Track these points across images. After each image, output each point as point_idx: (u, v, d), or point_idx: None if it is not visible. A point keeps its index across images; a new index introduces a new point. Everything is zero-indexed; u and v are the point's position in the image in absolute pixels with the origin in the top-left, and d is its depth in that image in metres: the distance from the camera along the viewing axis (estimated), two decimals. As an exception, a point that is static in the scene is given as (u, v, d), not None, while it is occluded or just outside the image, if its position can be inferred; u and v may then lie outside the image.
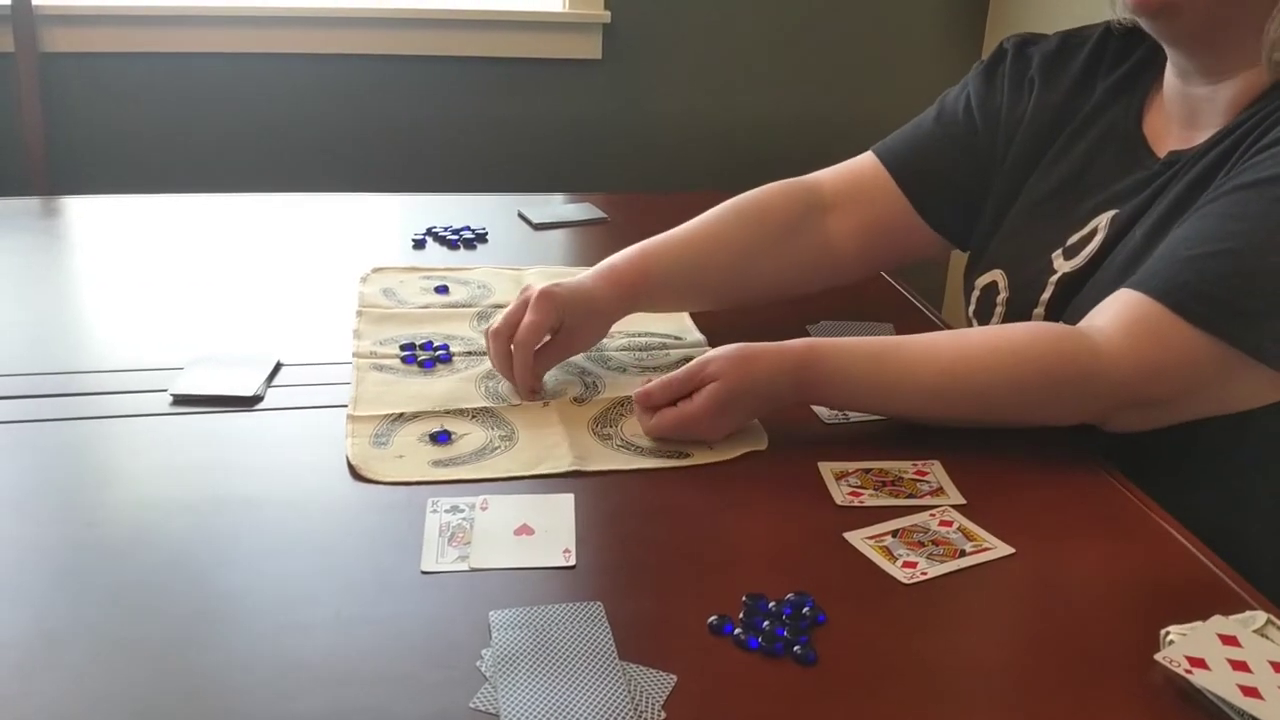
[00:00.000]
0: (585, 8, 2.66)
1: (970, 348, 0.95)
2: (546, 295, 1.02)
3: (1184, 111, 1.02)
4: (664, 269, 1.12)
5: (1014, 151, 1.15)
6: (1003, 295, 1.11)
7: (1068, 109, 1.12)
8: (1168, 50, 1.02)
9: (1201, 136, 0.99)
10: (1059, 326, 0.96)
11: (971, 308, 1.16)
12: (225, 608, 0.72)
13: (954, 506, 0.86)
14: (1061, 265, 1.05)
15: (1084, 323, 0.94)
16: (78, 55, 2.48)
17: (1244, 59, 0.95)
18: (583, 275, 1.09)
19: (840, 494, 0.87)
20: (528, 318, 1.01)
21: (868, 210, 1.20)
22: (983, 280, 1.14)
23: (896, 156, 1.20)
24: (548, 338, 1.03)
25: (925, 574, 0.77)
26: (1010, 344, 0.94)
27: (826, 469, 0.91)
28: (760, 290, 1.20)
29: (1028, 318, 1.07)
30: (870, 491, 0.88)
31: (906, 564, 0.78)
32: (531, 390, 1.02)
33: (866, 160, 1.22)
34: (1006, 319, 1.10)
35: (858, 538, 0.82)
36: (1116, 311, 0.91)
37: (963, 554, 0.80)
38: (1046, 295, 1.05)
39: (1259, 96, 0.96)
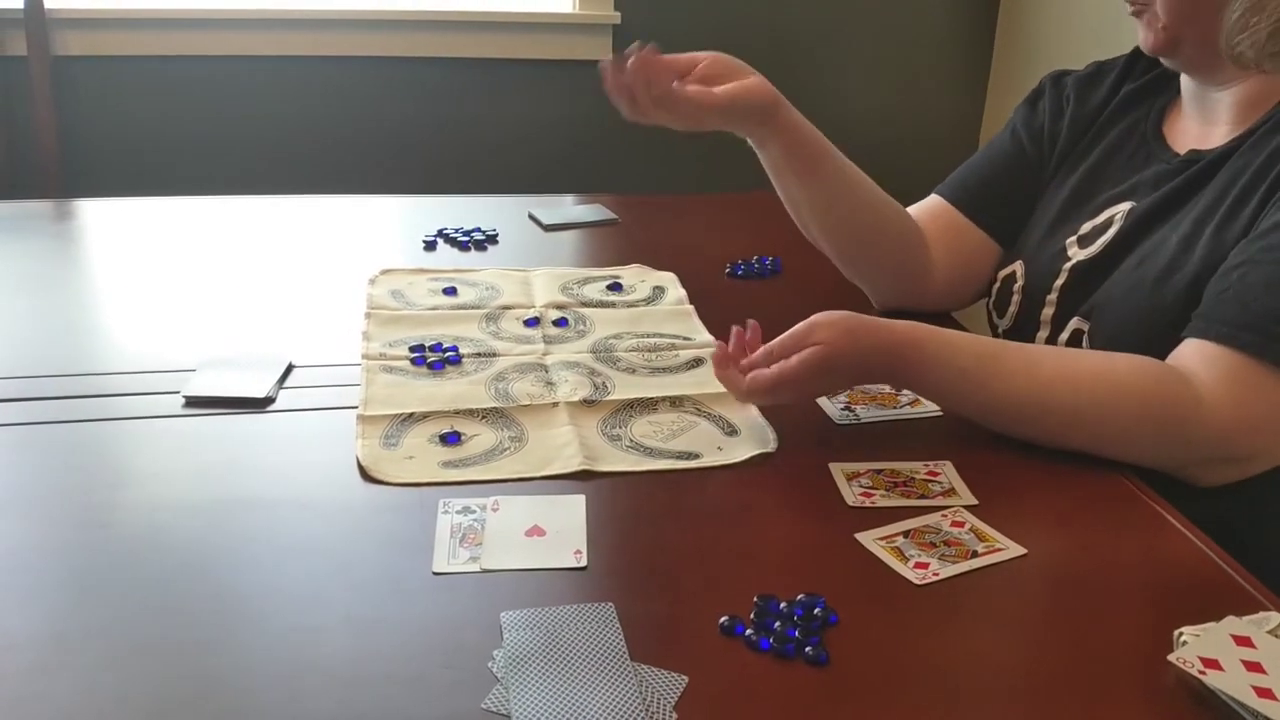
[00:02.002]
0: (595, 9, 2.66)
1: (1073, 368, 0.93)
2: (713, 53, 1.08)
3: (1201, 112, 1.06)
4: (810, 131, 1.15)
5: (1054, 160, 1.19)
6: (1019, 284, 1.14)
7: (1096, 115, 1.17)
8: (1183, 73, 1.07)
9: (1220, 136, 1.03)
10: (1164, 365, 0.93)
11: (991, 299, 1.19)
12: (237, 608, 0.72)
13: (966, 507, 0.86)
14: (1076, 253, 1.08)
15: (1174, 362, 0.93)
16: (90, 59, 2.49)
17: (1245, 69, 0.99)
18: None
19: (852, 495, 0.87)
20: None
21: (950, 245, 1.21)
22: (1004, 272, 1.18)
23: (963, 192, 1.23)
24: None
25: (937, 575, 0.77)
26: (1115, 372, 0.92)
27: (838, 470, 0.91)
28: (855, 254, 1.22)
29: (1041, 305, 1.10)
30: (882, 492, 0.87)
31: (918, 565, 0.78)
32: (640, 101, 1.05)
33: (934, 202, 1.25)
34: (1022, 307, 1.13)
35: (869, 538, 0.81)
36: (1210, 361, 0.90)
37: (974, 555, 0.80)
38: (1060, 282, 1.09)
39: (1278, 96, 1.00)
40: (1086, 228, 1.09)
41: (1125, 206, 1.06)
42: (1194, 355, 0.91)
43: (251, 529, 0.81)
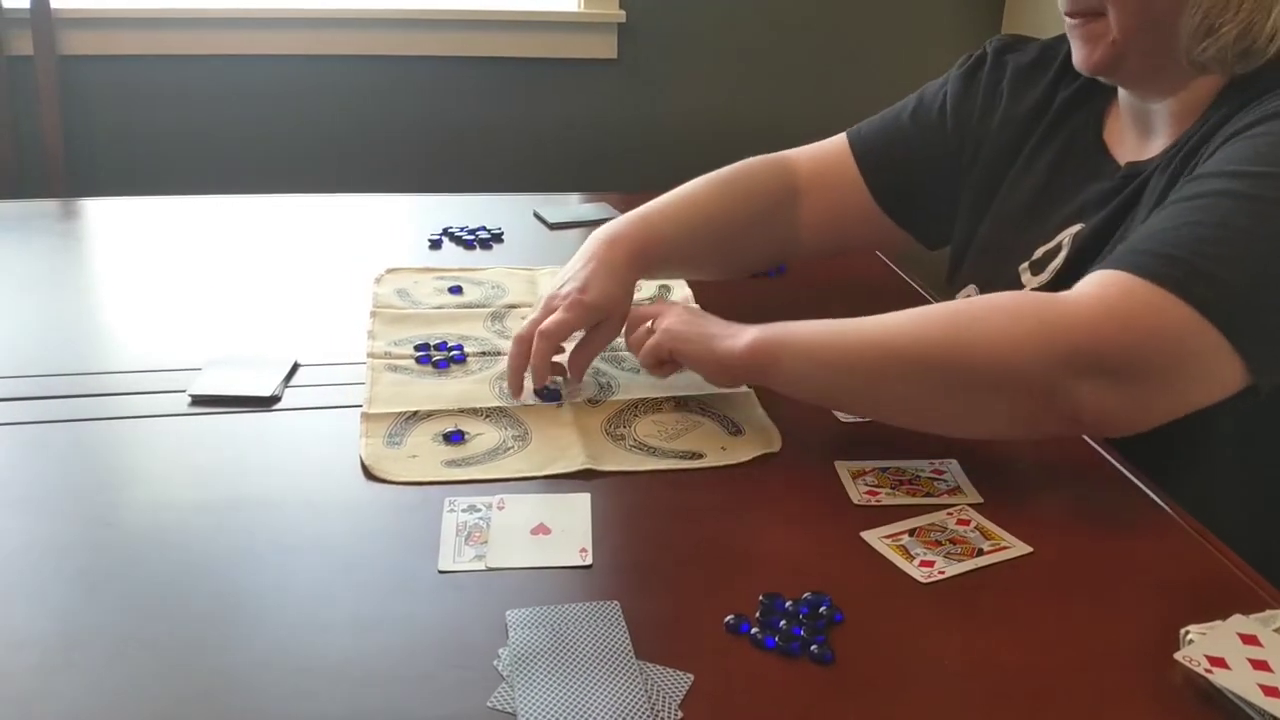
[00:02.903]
0: (600, 7, 2.66)
1: (917, 310, 0.91)
2: (577, 304, 1.01)
3: (1138, 123, 1.04)
4: (664, 244, 1.12)
5: (981, 164, 1.16)
6: None
7: (1032, 123, 1.13)
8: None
9: (1157, 146, 1.00)
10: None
11: None
12: (243, 607, 0.72)
13: (971, 505, 0.86)
14: (1029, 280, 1.05)
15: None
16: (96, 58, 2.49)
17: (1186, 74, 0.96)
18: (588, 262, 1.06)
19: (857, 493, 0.87)
20: (557, 316, 1.00)
21: (833, 196, 1.22)
22: (960, 295, 1.14)
23: (866, 145, 1.22)
24: (580, 334, 1.04)
25: (943, 573, 0.77)
26: (963, 302, 0.91)
27: (843, 468, 0.90)
28: (736, 266, 1.25)
29: None
30: (887, 490, 0.87)
31: (924, 563, 0.78)
32: (540, 380, 1.01)
33: (838, 144, 1.24)
34: None
35: (875, 537, 0.81)
36: (1082, 281, 0.86)
37: (980, 553, 0.79)
38: None
39: (1208, 104, 0.96)
40: (1039, 253, 1.06)
41: (1074, 230, 1.03)
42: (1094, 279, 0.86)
43: (257, 528, 0.81)
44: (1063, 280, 1.01)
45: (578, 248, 1.10)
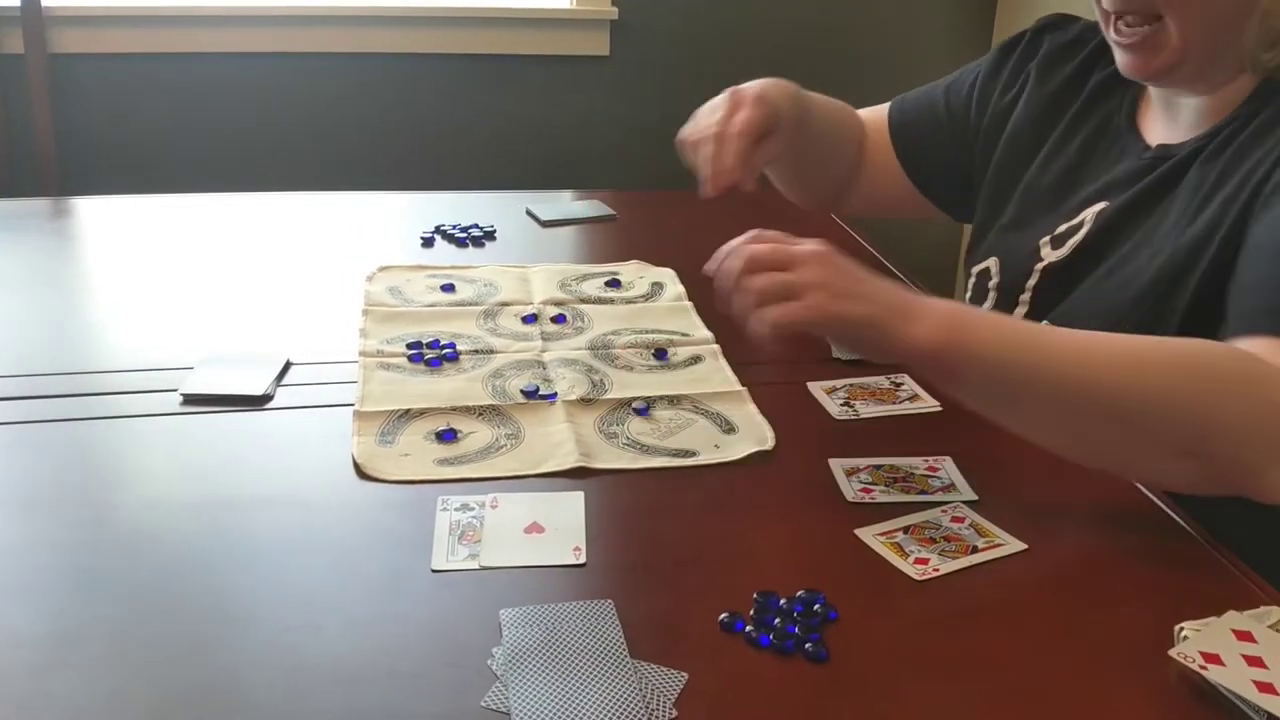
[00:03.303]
0: (593, 4, 2.66)
1: (1125, 336, 0.82)
2: (760, 100, 1.05)
3: (1170, 114, 1.04)
4: (808, 103, 1.20)
5: (1005, 143, 1.18)
6: (994, 281, 1.13)
7: (1063, 104, 1.15)
8: None
9: (1188, 132, 1.01)
10: (1224, 345, 0.83)
11: (968, 294, 1.18)
12: (236, 606, 0.72)
13: (966, 503, 0.86)
14: (1048, 254, 1.07)
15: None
16: (87, 56, 2.49)
17: (1230, 75, 0.97)
18: (745, 86, 1.10)
19: (851, 490, 0.87)
20: (745, 113, 1.03)
21: (877, 159, 1.29)
22: (978, 267, 1.16)
23: (902, 115, 1.29)
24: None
25: (937, 570, 0.77)
26: (1173, 340, 0.83)
27: (837, 465, 0.90)
28: (813, 178, 1.32)
29: (1015, 304, 1.09)
30: (881, 488, 0.87)
31: (918, 560, 0.78)
32: (743, 179, 1.02)
33: (883, 111, 1.31)
34: (998, 304, 1.12)
35: (869, 534, 0.81)
36: (1272, 349, 0.81)
37: (975, 550, 0.79)
38: (1032, 282, 1.08)
39: (1240, 99, 0.97)
40: (1062, 228, 1.07)
41: (1098, 207, 1.04)
42: (1253, 346, 0.82)
43: (250, 527, 0.81)
44: (1081, 256, 1.03)
45: (570, 245, 1.10)
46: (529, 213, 1.54)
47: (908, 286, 0.87)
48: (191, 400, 0.99)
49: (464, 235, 1.43)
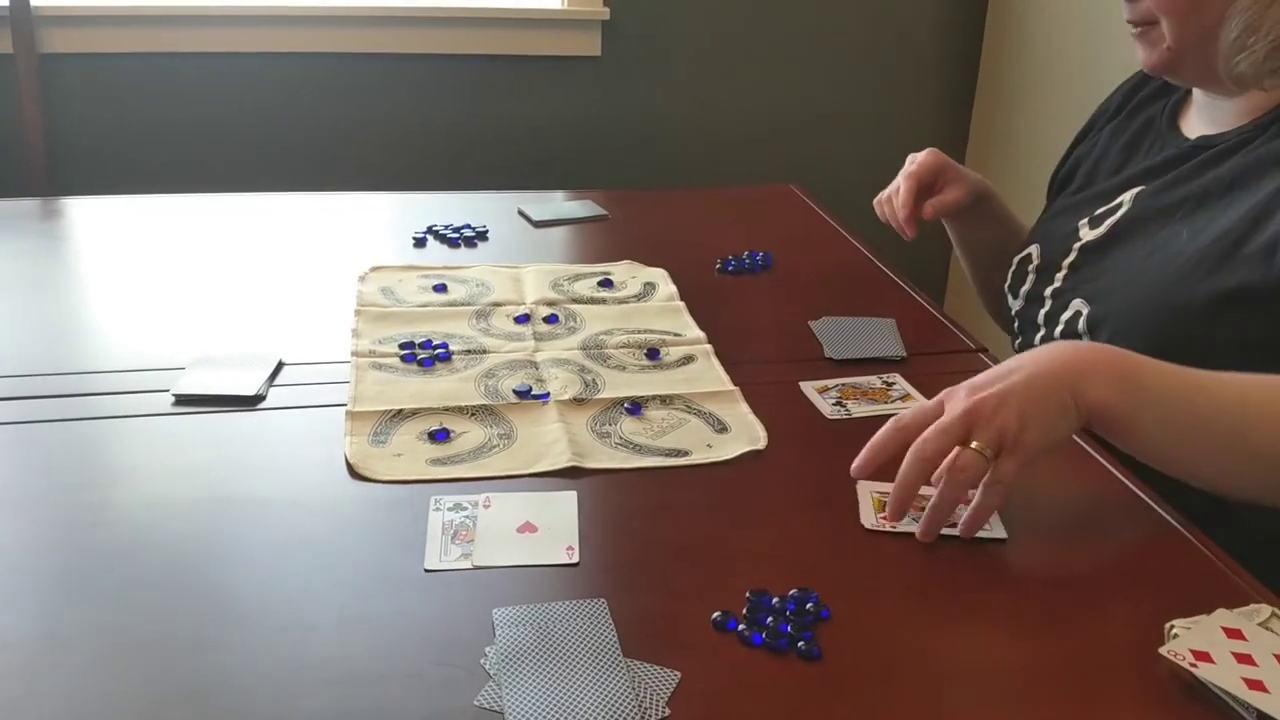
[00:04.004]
0: (585, 5, 2.66)
1: (1254, 376, 0.83)
2: (933, 150, 1.27)
3: (1210, 112, 1.08)
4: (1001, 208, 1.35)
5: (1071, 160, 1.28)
6: (1034, 264, 1.18)
7: (1112, 115, 1.23)
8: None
9: (1228, 125, 1.05)
10: None
11: (1007, 281, 1.22)
12: (229, 607, 0.72)
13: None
14: (1086, 234, 1.11)
15: None
16: (76, 56, 2.48)
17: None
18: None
19: (873, 516, 0.84)
20: (918, 159, 1.26)
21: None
22: (1020, 255, 1.21)
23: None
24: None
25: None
26: None
27: (866, 490, 0.87)
28: (984, 282, 1.41)
29: (1051, 281, 1.13)
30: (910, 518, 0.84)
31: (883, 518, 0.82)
32: (911, 221, 1.25)
33: None
34: (1036, 285, 1.16)
35: (867, 489, 0.84)
36: None
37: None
38: (1069, 259, 1.12)
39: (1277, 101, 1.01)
40: (1100, 209, 1.12)
41: (1136, 190, 1.09)
42: None
43: (242, 527, 0.81)
44: (1119, 235, 1.07)
45: (563, 245, 1.10)
46: (521, 213, 1.54)
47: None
48: (184, 400, 0.99)
49: (456, 235, 1.43)
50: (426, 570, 0.76)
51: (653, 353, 1.11)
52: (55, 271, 1.32)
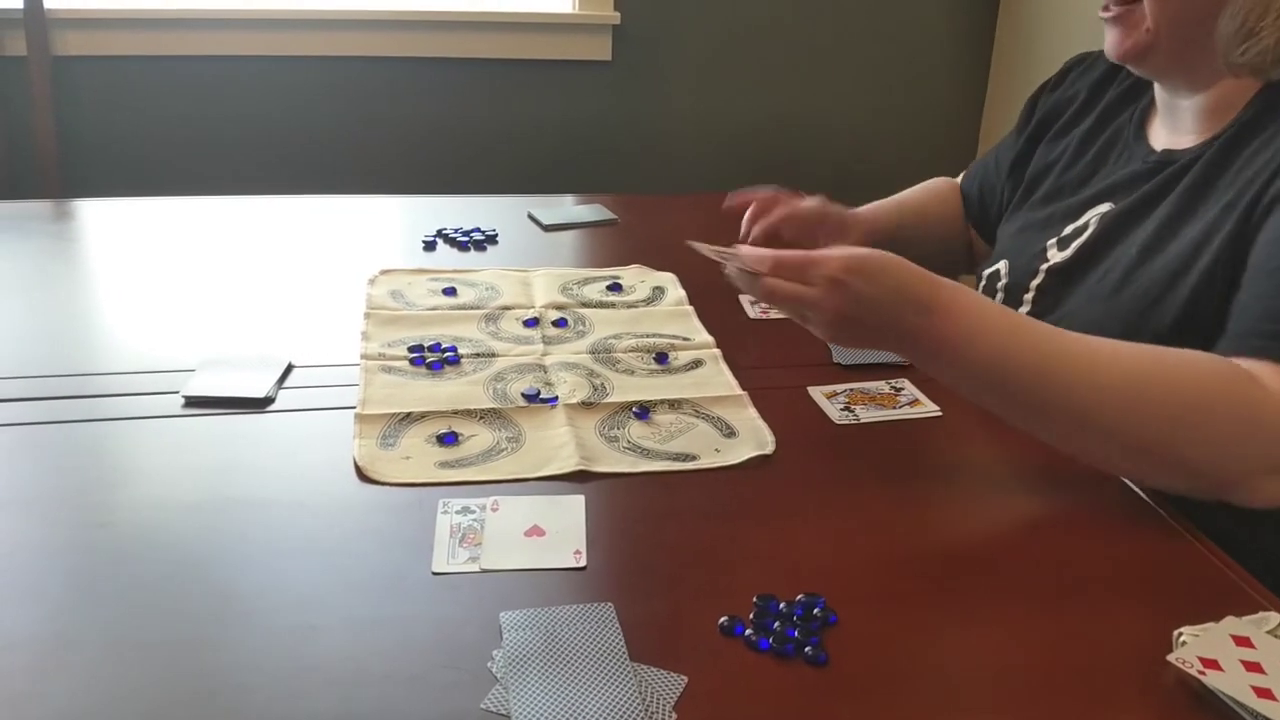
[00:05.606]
0: (595, 9, 2.66)
1: (1129, 346, 0.85)
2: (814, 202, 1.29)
3: (1170, 119, 1.07)
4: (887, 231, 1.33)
5: (1036, 158, 1.24)
6: (1003, 281, 1.16)
7: (1077, 118, 1.20)
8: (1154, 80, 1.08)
9: (1191, 140, 1.03)
10: (1227, 360, 0.85)
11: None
12: (237, 608, 0.72)
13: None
14: (1054, 255, 1.09)
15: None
16: (89, 59, 2.49)
17: (1218, 71, 0.98)
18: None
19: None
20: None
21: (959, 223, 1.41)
22: (988, 270, 1.19)
23: (968, 184, 1.39)
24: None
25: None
26: (1179, 355, 0.84)
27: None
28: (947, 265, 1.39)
29: (1020, 303, 1.12)
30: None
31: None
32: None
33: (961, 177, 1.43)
34: (1004, 304, 1.14)
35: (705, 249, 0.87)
36: (1271, 373, 0.83)
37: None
38: (1036, 281, 1.10)
39: (1245, 102, 0.98)
40: (1068, 230, 1.10)
41: (1103, 209, 1.08)
42: (1252, 367, 0.84)
43: (251, 529, 0.81)
44: (1085, 258, 1.06)
45: (572, 249, 1.10)
46: (530, 217, 1.54)
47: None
48: (193, 402, 0.99)
49: (466, 239, 1.43)
50: (434, 573, 0.76)
51: (661, 357, 1.11)
52: (66, 273, 1.33)
